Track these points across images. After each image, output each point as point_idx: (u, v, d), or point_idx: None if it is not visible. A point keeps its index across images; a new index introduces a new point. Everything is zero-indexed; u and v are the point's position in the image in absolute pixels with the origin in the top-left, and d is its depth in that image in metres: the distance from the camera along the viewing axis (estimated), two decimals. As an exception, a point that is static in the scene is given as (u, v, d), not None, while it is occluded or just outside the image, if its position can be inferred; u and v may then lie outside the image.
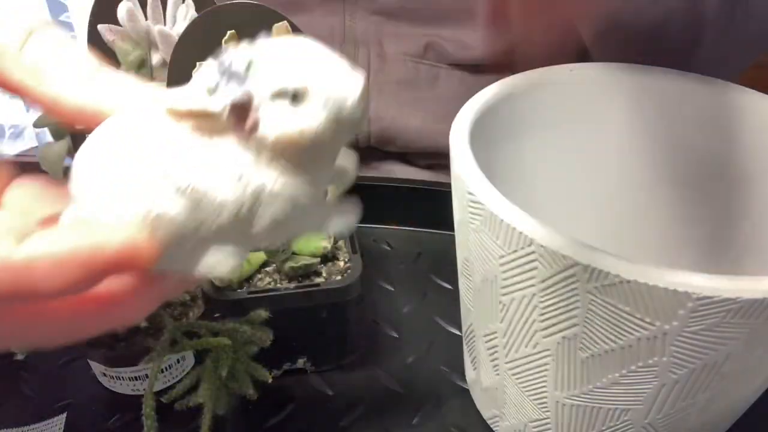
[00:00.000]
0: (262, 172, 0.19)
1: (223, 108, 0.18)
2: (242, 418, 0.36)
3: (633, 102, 0.37)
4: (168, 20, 0.40)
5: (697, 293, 0.22)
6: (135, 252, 0.18)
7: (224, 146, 0.19)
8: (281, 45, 0.19)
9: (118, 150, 0.19)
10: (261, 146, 0.19)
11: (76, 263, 0.18)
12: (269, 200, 0.20)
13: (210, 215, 0.19)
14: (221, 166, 0.19)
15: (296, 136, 0.18)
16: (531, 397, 0.30)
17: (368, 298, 0.44)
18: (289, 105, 0.18)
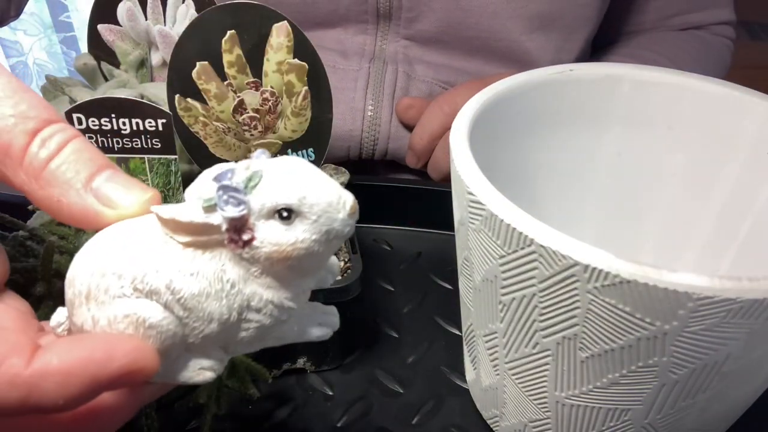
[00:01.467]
0: (251, 286, 0.20)
1: (221, 222, 0.19)
2: (242, 418, 0.36)
3: (633, 102, 0.37)
4: (168, 20, 0.40)
5: (697, 293, 0.22)
6: (139, 364, 0.19)
7: (216, 260, 0.20)
8: (278, 165, 0.20)
9: (112, 258, 0.20)
10: (253, 260, 0.20)
11: (84, 377, 0.18)
12: (256, 312, 0.21)
13: (198, 326, 0.20)
14: (212, 279, 0.20)
15: (287, 252, 0.20)
16: (531, 397, 0.30)
17: (368, 298, 0.44)
18: (282, 222, 0.19)
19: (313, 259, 0.20)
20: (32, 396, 0.17)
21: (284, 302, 0.21)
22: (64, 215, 0.20)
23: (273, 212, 0.19)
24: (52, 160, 0.20)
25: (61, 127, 0.21)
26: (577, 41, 0.59)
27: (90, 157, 0.21)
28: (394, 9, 0.56)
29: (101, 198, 0.20)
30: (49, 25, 1.72)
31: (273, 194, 0.19)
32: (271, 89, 0.35)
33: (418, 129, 0.55)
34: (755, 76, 0.82)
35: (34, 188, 0.20)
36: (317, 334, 0.24)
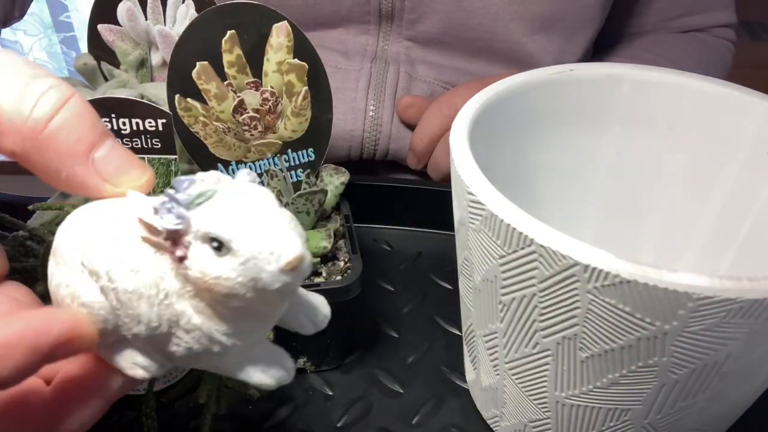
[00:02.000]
0: (183, 304, 0.19)
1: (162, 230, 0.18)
2: (242, 418, 0.36)
3: (633, 102, 0.37)
4: (168, 20, 0.40)
5: (697, 293, 0.22)
6: (76, 332, 0.19)
7: (160, 265, 0.19)
8: (237, 192, 0.19)
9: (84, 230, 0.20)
10: (187, 279, 0.19)
11: (24, 347, 0.18)
12: (185, 332, 0.20)
13: (128, 322, 0.20)
14: (150, 282, 0.19)
15: (210, 285, 0.18)
16: (531, 397, 0.30)
17: (368, 298, 0.44)
18: (214, 252, 0.18)
19: (239, 304, 0.19)
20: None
21: (214, 334, 0.20)
22: (61, 184, 0.20)
23: (207, 238, 0.18)
24: (51, 120, 0.19)
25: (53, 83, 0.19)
26: (580, 43, 0.59)
27: (92, 124, 0.20)
28: (396, 10, 0.56)
29: (102, 172, 0.20)
30: (49, 25, 1.72)
31: (209, 220, 0.18)
32: (271, 89, 0.35)
33: (417, 131, 0.56)
34: (755, 76, 0.82)
35: (28, 151, 0.19)
36: (257, 380, 0.22)
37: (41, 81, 0.19)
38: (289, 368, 0.22)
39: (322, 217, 0.41)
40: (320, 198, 0.38)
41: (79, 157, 0.19)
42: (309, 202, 0.38)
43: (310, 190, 0.37)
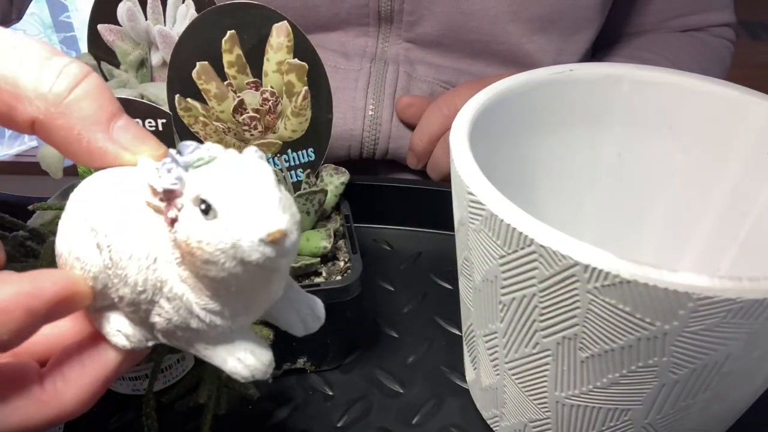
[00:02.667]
0: (169, 271, 0.19)
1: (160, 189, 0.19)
2: (242, 418, 0.36)
3: (633, 102, 0.37)
4: (168, 20, 0.40)
5: (697, 293, 0.22)
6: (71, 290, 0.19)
7: (155, 229, 0.19)
8: (237, 162, 0.19)
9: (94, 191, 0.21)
10: (176, 245, 0.19)
11: (20, 310, 0.18)
12: (167, 300, 0.20)
13: (116, 283, 0.20)
14: (142, 244, 0.19)
15: (192, 248, 0.18)
16: (531, 397, 0.30)
17: (368, 298, 0.44)
18: (202, 215, 0.18)
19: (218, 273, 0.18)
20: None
21: (193, 306, 0.20)
22: (81, 151, 0.20)
23: (198, 200, 0.18)
24: (74, 90, 0.20)
25: (72, 59, 0.20)
26: (579, 43, 0.59)
27: (110, 97, 0.21)
28: (396, 12, 0.56)
29: (121, 140, 0.21)
30: (49, 25, 1.72)
31: (201, 182, 0.18)
32: (271, 89, 0.35)
33: (417, 131, 0.56)
34: (755, 76, 0.82)
35: (52, 116, 0.20)
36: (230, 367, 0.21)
37: (61, 57, 0.20)
38: (265, 362, 0.22)
39: (322, 217, 0.41)
40: (320, 198, 0.38)
41: (101, 124, 0.20)
42: (309, 202, 0.38)
43: (310, 190, 0.37)
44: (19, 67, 0.19)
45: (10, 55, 0.19)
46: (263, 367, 0.22)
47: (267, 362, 0.22)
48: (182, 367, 0.38)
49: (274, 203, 0.18)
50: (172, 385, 0.34)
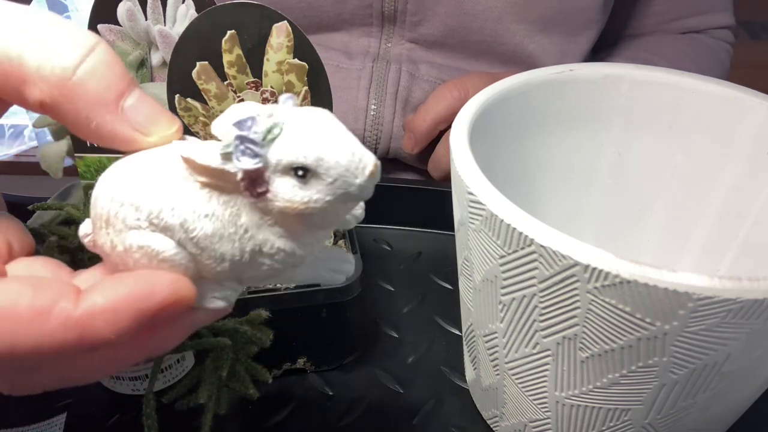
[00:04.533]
0: (263, 233, 0.20)
1: (237, 172, 0.19)
2: (242, 418, 0.36)
3: (633, 102, 0.37)
4: (168, 20, 0.40)
5: (697, 293, 0.22)
6: (180, 294, 0.19)
7: (232, 203, 0.20)
8: (301, 117, 0.19)
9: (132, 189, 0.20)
10: (267, 210, 0.20)
11: (131, 312, 0.18)
12: (267, 257, 0.21)
13: (210, 263, 0.20)
14: (226, 221, 0.20)
15: (300, 210, 0.19)
16: (531, 397, 0.30)
17: (368, 298, 0.44)
18: (297, 180, 0.19)
19: (328, 217, 0.20)
20: (86, 335, 0.18)
21: (296, 251, 0.21)
22: (91, 133, 0.20)
23: (289, 169, 0.19)
24: (78, 68, 0.19)
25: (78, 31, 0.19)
26: (581, 44, 0.59)
27: (120, 72, 0.19)
28: (399, 13, 0.56)
29: (132, 121, 0.20)
30: (49, 25, 1.71)
31: (290, 151, 0.19)
32: (271, 89, 0.35)
33: (421, 111, 0.54)
34: (755, 75, 0.82)
35: (56, 99, 0.19)
36: (328, 278, 0.23)
37: (66, 29, 0.19)
38: (350, 263, 0.24)
39: (322, 217, 0.41)
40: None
41: (109, 105, 0.19)
42: (309, 202, 0.38)
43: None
44: (24, 46, 0.18)
45: (17, 33, 0.18)
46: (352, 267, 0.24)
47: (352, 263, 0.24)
48: (182, 367, 0.38)
49: (356, 142, 0.19)
50: (172, 385, 0.34)
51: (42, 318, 0.18)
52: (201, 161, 0.19)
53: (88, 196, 0.35)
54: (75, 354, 0.19)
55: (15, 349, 0.18)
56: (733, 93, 0.35)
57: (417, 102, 0.58)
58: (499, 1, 0.54)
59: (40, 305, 0.18)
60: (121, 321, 0.18)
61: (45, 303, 0.18)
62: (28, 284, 0.18)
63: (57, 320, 0.18)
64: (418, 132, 0.54)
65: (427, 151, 0.57)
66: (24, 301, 0.18)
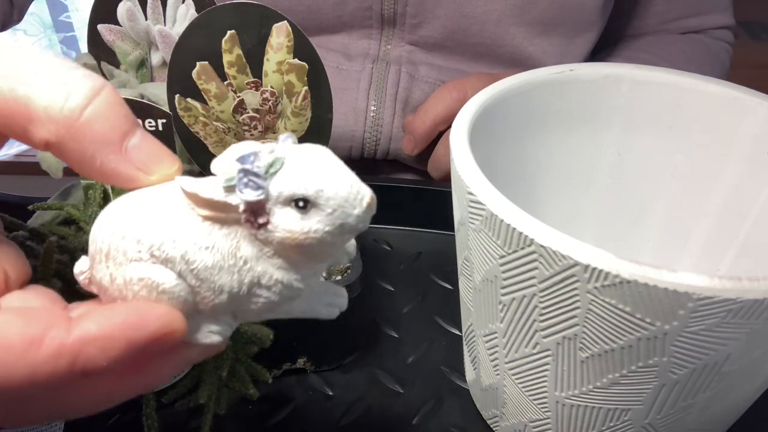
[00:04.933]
0: (262, 265, 0.21)
1: (239, 203, 0.20)
2: (242, 418, 0.36)
3: (633, 102, 0.37)
4: (168, 20, 0.40)
5: (697, 293, 0.22)
6: (171, 327, 0.20)
7: (232, 236, 0.21)
8: (301, 153, 0.20)
9: (133, 223, 0.21)
10: (266, 242, 0.20)
11: (123, 340, 0.19)
12: (266, 289, 0.21)
13: (209, 296, 0.21)
14: (226, 253, 0.20)
15: (299, 241, 0.20)
16: (531, 397, 0.30)
17: (368, 298, 0.44)
18: (297, 211, 0.20)
19: (325, 248, 0.21)
20: (78, 361, 0.18)
21: (293, 283, 0.21)
22: (95, 172, 0.20)
23: (290, 200, 0.20)
24: (85, 109, 0.19)
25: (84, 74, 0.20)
26: (581, 46, 0.59)
27: (124, 114, 0.20)
28: (399, 15, 0.56)
29: (134, 161, 0.20)
30: (49, 25, 1.72)
31: (291, 183, 0.20)
32: (271, 89, 0.35)
33: (420, 112, 0.54)
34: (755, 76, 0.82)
35: (63, 139, 0.19)
36: (324, 313, 0.24)
37: (73, 72, 0.19)
38: (344, 297, 0.25)
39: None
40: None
41: (114, 145, 0.20)
42: (309, 202, 0.38)
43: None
44: (31, 87, 0.19)
45: (25, 73, 0.19)
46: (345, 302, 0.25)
47: (345, 296, 0.25)
48: (182, 367, 0.38)
49: (353, 175, 0.21)
50: (172, 385, 0.34)
51: (34, 346, 0.18)
52: (204, 195, 0.20)
53: (88, 196, 0.35)
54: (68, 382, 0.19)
55: (10, 379, 0.18)
56: (733, 93, 0.35)
57: (416, 103, 0.58)
58: (499, 4, 0.54)
59: (33, 334, 0.18)
60: (113, 349, 0.19)
61: (37, 332, 0.18)
62: (18, 314, 0.19)
63: (50, 348, 0.18)
64: (417, 133, 0.54)
65: (427, 151, 0.57)
66: (15, 330, 0.18)
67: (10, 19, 0.62)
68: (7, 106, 0.19)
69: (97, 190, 0.34)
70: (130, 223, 0.21)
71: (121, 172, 0.20)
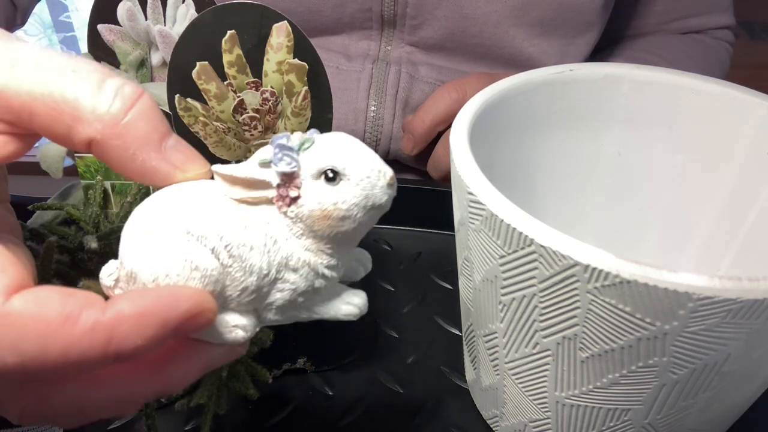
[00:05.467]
0: (291, 245, 0.22)
1: (274, 177, 0.21)
2: (242, 418, 0.36)
3: (633, 102, 0.37)
4: (168, 20, 0.40)
5: (697, 293, 0.22)
6: (203, 305, 0.20)
7: (264, 216, 0.22)
8: (329, 136, 0.22)
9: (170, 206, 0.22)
10: (296, 220, 0.22)
11: (157, 319, 0.19)
12: (292, 271, 0.22)
13: (239, 277, 0.22)
14: (258, 233, 0.22)
15: (329, 212, 0.21)
16: (531, 397, 0.30)
17: (368, 298, 0.44)
18: (327, 183, 0.21)
19: (350, 226, 0.22)
20: (113, 339, 0.19)
21: (319, 267, 0.22)
22: (135, 169, 0.21)
23: (320, 173, 0.21)
24: (129, 111, 0.21)
25: (126, 80, 0.21)
26: (581, 46, 0.59)
27: (162, 117, 0.22)
28: (399, 17, 0.56)
29: (172, 159, 0.22)
30: (49, 25, 1.72)
31: (322, 156, 0.21)
32: (271, 89, 0.35)
33: (420, 112, 0.54)
34: (755, 76, 0.82)
35: (108, 137, 0.21)
36: (345, 311, 0.25)
37: (115, 79, 0.21)
38: (365, 298, 0.25)
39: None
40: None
41: (154, 144, 0.21)
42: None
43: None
44: (79, 90, 0.20)
45: (70, 79, 0.20)
46: (365, 303, 0.25)
47: (366, 298, 0.25)
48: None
49: (377, 155, 0.22)
50: (172, 385, 0.34)
51: (70, 322, 0.18)
52: (240, 174, 0.21)
53: (88, 196, 0.35)
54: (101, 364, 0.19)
55: (44, 354, 0.18)
56: (733, 93, 0.35)
57: (417, 103, 0.58)
58: (499, 5, 0.54)
59: (69, 311, 0.19)
60: (147, 328, 0.19)
61: (74, 309, 0.19)
62: (57, 292, 0.19)
63: (85, 325, 0.19)
64: (416, 133, 0.54)
65: (427, 151, 0.57)
66: (53, 306, 0.19)
67: (14, 23, 0.63)
68: (57, 107, 0.20)
69: (97, 191, 0.34)
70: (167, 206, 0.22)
71: (160, 170, 0.22)
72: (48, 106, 0.20)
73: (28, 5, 0.64)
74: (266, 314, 0.23)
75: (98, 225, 0.34)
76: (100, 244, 0.32)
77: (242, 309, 0.23)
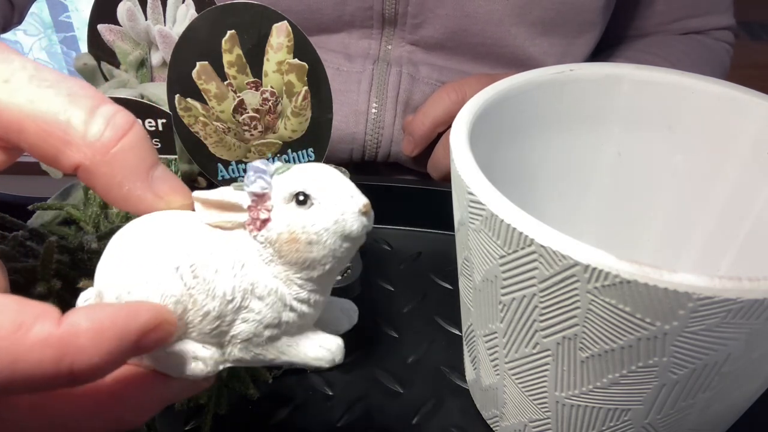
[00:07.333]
0: (259, 271, 0.22)
1: (246, 199, 0.21)
2: (242, 418, 0.36)
3: (633, 102, 0.37)
4: (168, 20, 0.40)
5: (697, 293, 0.22)
6: (161, 318, 0.20)
7: (234, 240, 0.22)
8: (307, 165, 0.22)
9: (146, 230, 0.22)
10: (266, 244, 0.21)
11: (114, 332, 0.19)
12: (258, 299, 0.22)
13: (201, 300, 0.21)
14: (226, 256, 0.21)
15: (297, 235, 0.21)
16: (531, 397, 0.30)
17: (368, 298, 0.44)
18: (298, 206, 0.21)
19: (319, 253, 0.21)
20: (67, 354, 0.18)
21: (287, 297, 0.22)
22: (120, 196, 0.22)
23: (292, 196, 0.21)
24: (120, 140, 0.21)
25: (119, 108, 0.21)
26: (582, 46, 0.59)
27: (150, 148, 0.22)
28: (400, 15, 0.56)
29: (158, 190, 0.22)
30: (49, 25, 1.72)
31: (294, 180, 0.21)
32: (271, 89, 0.35)
33: (420, 114, 0.54)
34: (755, 76, 0.82)
35: (97, 164, 0.21)
36: (315, 355, 0.24)
37: (109, 106, 0.21)
38: (341, 345, 0.25)
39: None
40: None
41: (141, 174, 0.22)
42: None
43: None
44: (71, 113, 0.20)
45: (64, 101, 0.20)
46: (341, 350, 0.24)
47: (342, 345, 0.25)
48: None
49: (353, 185, 0.22)
50: (172, 385, 0.34)
51: (22, 331, 0.17)
52: (213, 197, 0.21)
53: (88, 196, 0.35)
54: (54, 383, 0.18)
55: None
56: (733, 93, 0.35)
57: (417, 104, 0.58)
58: (500, 4, 0.54)
59: (22, 320, 0.18)
60: (105, 340, 0.18)
61: (27, 318, 0.18)
62: (15, 300, 0.18)
63: (38, 336, 0.17)
64: (417, 135, 0.55)
65: (427, 154, 0.57)
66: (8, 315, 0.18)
67: (11, 21, 0.62)
68: (48, 128, 0.20)
69: (97, 190, 0.34)
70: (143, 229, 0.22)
71: (145, 199, 0.22)
72: (38, 125, 0.20)
73: (25, 4, 0.64)
74: (231, 349, 0.22)
75: (98, 225, 0.34)
76: (100, 244, 0.32)
77: (205, 340, 0.22)
